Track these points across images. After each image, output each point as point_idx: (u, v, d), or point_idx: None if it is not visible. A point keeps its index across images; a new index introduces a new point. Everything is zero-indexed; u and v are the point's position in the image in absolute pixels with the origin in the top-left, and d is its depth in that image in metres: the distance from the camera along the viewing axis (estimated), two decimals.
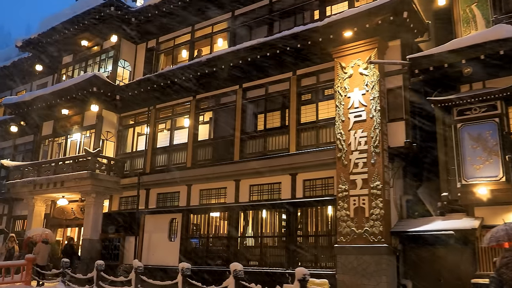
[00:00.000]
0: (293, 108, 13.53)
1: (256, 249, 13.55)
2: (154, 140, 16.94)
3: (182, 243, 14.93)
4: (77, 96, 17.13)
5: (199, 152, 15.53)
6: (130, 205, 17.08)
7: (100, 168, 16.51)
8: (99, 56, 19.29)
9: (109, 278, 12.35)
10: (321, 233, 12.38)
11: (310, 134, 13.12)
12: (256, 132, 14.36)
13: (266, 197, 13.66)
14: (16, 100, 19.40)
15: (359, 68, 11.98)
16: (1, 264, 14.00)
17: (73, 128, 18.71)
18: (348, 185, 11.43)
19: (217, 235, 14.63)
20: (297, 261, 12.38)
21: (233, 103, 15.01)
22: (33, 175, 18.24)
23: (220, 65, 14.37)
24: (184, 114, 16.43)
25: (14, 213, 21.64)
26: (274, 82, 14.20)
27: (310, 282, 10.39)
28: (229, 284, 9.87)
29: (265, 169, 13.48)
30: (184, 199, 15.40)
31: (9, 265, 14.02)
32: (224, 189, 14.56)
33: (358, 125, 11.66)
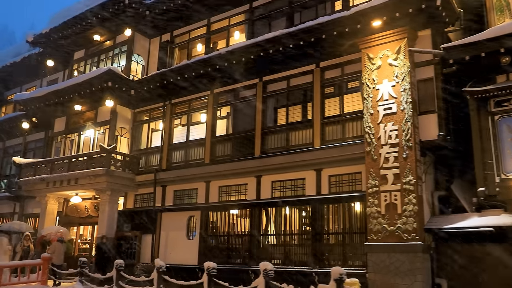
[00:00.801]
0: (316, 102, 13.09)
1: (279, 248, 13.11)
2: (170, 136, 16.50)
3: (201, 241, 14.50)
4: (91, 91, 16.72)
5: (218, 147, 15.10)
6: (146, 202, 16.68)
7: (115, 164, 16.11)
8: (112, 51, 18.87)
9: (130, 278, 11.93)
10: (349, 230, 11.93)
11: (335, 128, 12.68)
12: (278, 127, 13.90)
13: (289, 193, 13.21)
14: (28, 96, 19.02)
15: (388, 59, 11.52)
16: (17, 264, 13.62)
17: (87, 124, 18.31)
18: (379, 181, 10.97)
19: (238, 233, 14.18)
20: (324, 259, 11.99)
21: (253, 97, 14.57)
22: (46, 172, 17.85)
23: (240, 58, 13.93)
24: (201, 109, 16.00)
25: (26, 211, 21.27)
26: (296, 75, 13.76)
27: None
28: (259, 284, 9.43)
29: (288, 165, 13.07)
30: (203, 196, 14.97)
31: (25, 265, 13.62)
32: (245, 185, 14.13)
33: (388, 118, 11.20)
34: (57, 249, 15.48)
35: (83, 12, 18.02)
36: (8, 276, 12.96)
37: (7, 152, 23.70)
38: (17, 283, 13.08)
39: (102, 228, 16.10)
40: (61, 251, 15.39)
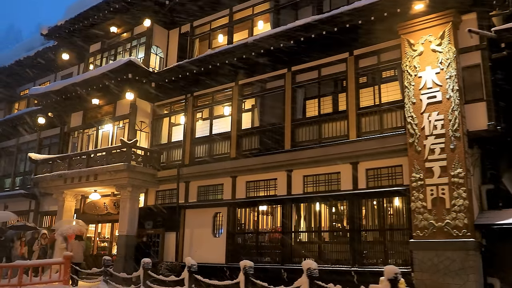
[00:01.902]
0: (351, 92, 12.42)
1: (312, 245, 12.47)
2: (193, 130, 15.89)
3: (228, 239, 13.87)
4: (110, 83, 16.11)
5: (244, 141, 14.48)
6: (168, 199, 16.08)
7: (136, 160, 15.51)
8: (130, 43, 18.26)
9: (158, 277, 11.34)
10: (390, 226, 11.25)
11: (373, 119, 12.00)
12: (308, 118, 13.24)
13: (322, 188, 12.56)
14: (44, 90, 18.44)
15: (430, 44, 10.84)
16: (39, 263, 13.07)
17: (105, 118, 17.72)
18: (424, 174, 10.31)
19: (267, 230, 13.56)
20: (363, 257, 11.35)
21: (281, 88, 13.92)
22: (64, 168, 17.29)
23: (268, 47, 13.27)
24: (225, 102, 15.37)
25: (42, 208, 20.74)
26: (328, 64, 13.09)
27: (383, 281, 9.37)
28: (302, 284, 8.80)
29: (321, 158, 12.41)
30: (229, 192, 14.35)
31: (47, 264, 13.08)
32: (274, 180, 13.48)
33: (433, 107, 10.52)
34: (75, 247, 14.95)
35: (100, 3, 17.45)
36: (30, 275, 12.43)
37: (21, 148, 23.17)
38: (38, 282, 12.54)
39: (123, 226, 15.54)
40: (79, 249, 14.83)
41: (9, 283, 12.16)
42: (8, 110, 24.86)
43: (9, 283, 12.16)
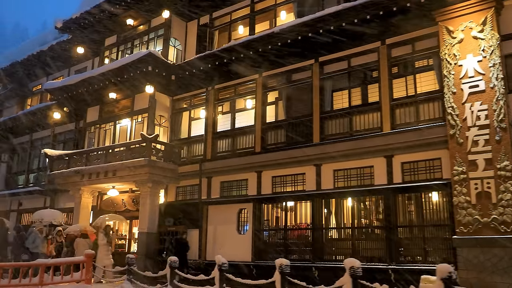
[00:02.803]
0: (384, 82, 11.91)
1: (345, 242, 11.99)
2: (215, 124, 15.41)
3: (254, 236, 13.40)
4: (129, 76, 15.67)
5: (269, 135, 14.00)
6: (189, 195, 15.63)
7: (157, 155, 15.06)
8: (147, 35, 17.80)
9: (186, 276, 10.88)
10: (429, 222, 10.73)
11: (408, 110, 11.49)
12: (338, 111, 12.73)
13: (354, 183, 12.06)
14: (59, 84, 18.01)
15: (471, 31, 10.31)
16: (61, 261, 12.62)
17: (122, 113, 17.27)
18: (467, 167, 9.79)
19: (296, 226, 13.07)
20: (400, 255, 10.84)
21: (308, 80, 13.43)
22: (81, 164, 16.86)
23: (295, 37, 12.80)
24: (248, 94, 14.90)
25: (57, 205, 20.31)
26: (358, 54, 12.60)
27: (425, 280, 8.87)
28: (345, 284, 8.31)
29: (352, 152, 11.92)
30: (254, 187, 13.87)
31: (69, 262, 12.61)
32: (302, 175, 13.00)
33: (475, 97, 9.99)
34: (79, 245, 14.56)
35: None
36: (51, 274, 12.01)
37: (34, 145, 22.79)
38: (59, 282, 12.10)
39: (144, 223, 15.10)
40: (84, 247, 14.41)
41: (30, 282, 11.74)
42: (21, 106, 24.48)
43: (30, 282, 11.74)
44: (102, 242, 13.71)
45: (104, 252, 13.51)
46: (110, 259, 13.62)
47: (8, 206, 22.68)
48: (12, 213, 22.31)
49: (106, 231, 13.99)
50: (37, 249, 13.71)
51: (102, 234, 13.79)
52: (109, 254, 13.66)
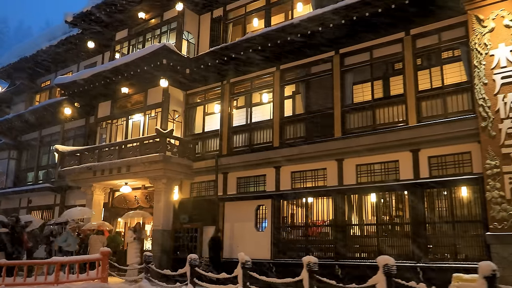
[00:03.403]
0: (409, 74, 11.53)
1: (369, 239, 11.62)
2: (230, 118, 15.05)
3: (274, 233, 13.05)
4: (142, 70, 15.31)
5: (288, 129, 13.63)
6: (204, 191, 15.28)
7: (172, 150, 14.71)
8: (159, 29, 17.43)
9: (207, 275, 10.56)
10: (459, 218, 10.34)
11: (435, 102, 11.11)
12: (361, 104, 12.35)
13: (378, 178, 11.69)
14: (70, 79, 17.69)
15: (503, 20, 9.90)
16: (76, 259, 12.32)
17: (135, 108, 16.93)
18: (500, 160, 9.40)
19: (317, 223, 12.70)
20: (429, 252, 10.46)
21: (328, 72, 13.06)
22: (93, 160, 16.53)
23: (316, 28, 12.40)
24: (265, 88, 14.53)
25: (67, 202, 20.02)
26: (381, 45, 12.21)
27: (457, 278, 8.53)
28: (379, 282, 7.95)
29: (376, 146, 11.56)
30: (272, 183, 13.51)
31: (84, 260, 12.32)
32: (323, 170, 12.63)
33: (509, 88, 9.60)
34: (93, 242, 14.42)
35: None
36: (66, 272, 11.69)
37: (44, 141, 22.47)
38: (75, 280, 11.79)
39: (158, 220, 14.78)
40: (97, 244, 14.17)
41: (46, 280, 11.45)
42: (29, 102, 24.14)
43: (46, 281, 11.45)
44: (130, 239, 13.32)
45: (133, 250, 13.11)
46: (138, 257, 13.22)
47: (17, 204, 22.39)
48: (21, 210, 21.99)
49: (135, 228, 13.60)
50: (69, 247, 13.36)
51: (130, 231, 13.42)
52: (138, 252, 13.27)
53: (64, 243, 13.46)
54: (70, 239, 13.60)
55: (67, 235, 13.67)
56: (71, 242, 13.49)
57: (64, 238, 13.52)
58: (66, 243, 13.44)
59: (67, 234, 13.71)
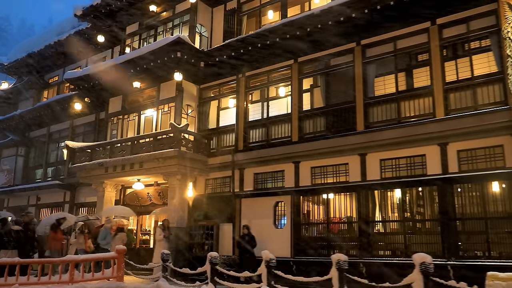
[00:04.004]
0: (436, 65, 11.11)
1: (395, 236, 11.22)
2: (246, 113, 14.66)
3: (294, 230, 12.66)
4: (155, 64, 14.91)
5: (306, 123, 13.24)
6: (220, 187, 14.90)
7: (187, 145, 14.33)
8: (171, 22, 17.03)
9: (229, 274, 10.16)
10: (492, 214, 9.92)
11: (464, 94, 10.69)
12: (385, 96, 11.93)
13: (404, 173, 11.28)
14: (81, 73, 17.31)
15: None
16: (91, 257, 11.91)
17: (147, 102, 16.55)
18: None
19: (339, 220, 12.30)
20: (459, 250, 10.06)
21: (349, 64, 12.65)
22: (104, 156, 16.16)
23: (337, 18, 12.00)
24: (282, 81, 14.13)
25: (77, 200, 19.68)
26: (405, 36, 11.79)
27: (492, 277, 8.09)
28: (415, 281, 7.56)
29: (401, 140, 11.16)
30: (291, 178, 13.12)
31: (100, 258, 11.94)
32: (345, 165, 12.24)
33: None
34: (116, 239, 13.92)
35: None
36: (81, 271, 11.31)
37: (52, 138, 22.11)
38: (90, 279, 11.39)
39: (172, 217, 14.36)
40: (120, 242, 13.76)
41: (60, 279, 11.06)
42: (37, 98, 23.77)
43: (60, 280, 11.06)
44: (159, 237, 12.82)
45: (161, 248, 12.64)
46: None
47: (26, 201, 22.06)
48: (30, 207, 21.66)
49: (164, 225, 13.10)
50: (108, 245, 12.89)
51: (159, 229, 12.97)
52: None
53: (103, 240, 13.02)
54: (109, 237, 13.13)
55: (106, 232, 13.18)
56: (109, 241, 13.04)
57: (103, 236, 13.07)
58: (105, 241, 13.00)
59: (106, 231, 13.20)
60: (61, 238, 13.48)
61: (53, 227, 13.33)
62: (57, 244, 12.99)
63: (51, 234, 13.30)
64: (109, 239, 13.03)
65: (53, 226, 13.38)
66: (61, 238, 13.45)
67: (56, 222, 13.44)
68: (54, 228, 13.30)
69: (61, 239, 13.43)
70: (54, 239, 13.15)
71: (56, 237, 13.24)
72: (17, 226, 11.73)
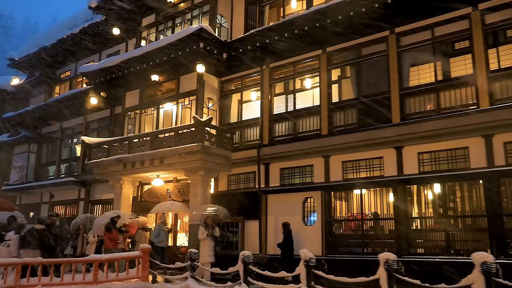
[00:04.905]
0: (478, 53, 10.51)
1: (436, 234, 10.61)
2: (271, 106, 14.10)
3: (325, 227, 12.11)
4: (176, 55, 14.36)
5: (336, 116, 12.68)
6: (243, 183, 14.35)
7: (210, 140, 13.79)
8: (190, 13, 16.45)
9: (264, 273, 9.61)
10: None
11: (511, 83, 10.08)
12: (422, 87, 11.34)
13: (444, 167, 10.69)
14: (97, 67, 16.76)
15: None
16: (115, 257, 11.41)
17: (166, 96, 16.00)
18: None
19: (374, 216, 11.72)
20: (508, 247, 9.47)
21: (382, 53, 12.06)
22: (122, 152, 15.64)
23: (370, 5, 11.42)
24: (309, 72, 13.56)
25: (92, 197, 19.19)
26: (443, 22, 11.19)
27: None
28: (476, 282, 6.99)
29: (441, 132, 10.56)
30: (321, 173, 12.56)
31: (124, 258, 11.43)
32: (379, 159, 11.67)
33: None
34: (142, 238, 13.50)
35: None
36: (105, 271, 10.81)
37: (65, 134, 21.62)
38: (115, 279, 10.89)
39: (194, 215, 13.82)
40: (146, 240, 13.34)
41: (84, 280, 10.57)
42: (49, 94, 23.29)
43: (84, 280, 10.56)
44: (202, 236, 12.17)
45: (206, 248, 12.07)
46: (212, 255, 12.21)
47: (39, 199, 21.60)
48: (43, 205, 21.23)
49: (206, 223, 12.45)
50: (162, 243, 12.30)
51: (202, 227, 12.37)
52: (211, 250, 12.24)
53: (157, 238, 12.49)
54: (162, 234, 12.56)
55: (159, 229, 12.63)
56: (163, 238, 12.50)
57: (157, 233, 12.57)
58: (158, 239, 12.47)
59: (159, 228, 12.66)
60: (117, 237, 13.04)
61: (108, 227, 12.92)
62: (113, 244, 12.36)
63: (106, 234, 12.91)
64: (163, 236, 12.54)
65: (107, 227, 12.95)
66: (116, 237, 13.01)
67: (111, 221, 12.92)
68: (108, 229, 12.88)
69: (116, 239, 12.98)
70: (109, 239, 12.75)
71: (112, 237, 12.83)
72: (40, 225, 11.21)
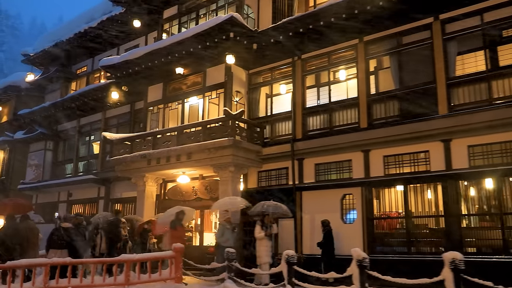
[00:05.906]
0: None
1: (491, 232, 9.97)
2: (304, 98, 13.49)
3: (366, 225, 11.49)
4: (203, 47, 13.78)
5: (376, 108, 12.06)
6: (275, 180, 13.74)
7: (241, 134, 13.20)
8: (215, 3, 15.83)
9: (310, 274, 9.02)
10: None
11: None
12: (471, 76, 10.69)
13: (498, 161, 10.03)
14: (118, 60, 16.17)
15: None
16: (147, 257, 10.84)
17: (192, 89, 15.41)
18: None
19: (419, 214, 11.06)
20: None
21: (426, 41, 11.42)
22: (146, 148, 15.09)
23: None
24: (345, 63, 12.93)
25: (112, 195, 18.64)
26: (494, 7, 10.53)
27: None
28: None
29: (494, 123, 9.92)
30: (360, 169, 11.94)
31: (157, 258, 10.87)
32: (425, 153, 11.03)
33: None
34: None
35: None
36: (137, 272, 10.25)
37: (83, 130, 21.11)
38: (147, 281, 10.34)
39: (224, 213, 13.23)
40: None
41: (115, 281, 10.02)
42: (65, 90, 22.76)
43: (115, 282, 10.02)
44: (259, 235, 11.46)
45: (264, 247, 11.40)
46: (270, 256, 11.56)
47: (56, 197, 21.09)
48: (61, 204, 20.73)
49: (264, 221, 11.74)
50: (228, 243, 11.57)
51: (258, 226, 11.71)
52: (269, 250, 11.59)
53: (221, 238, 11.84)
54: (226, 233, 11.82)
55: (223, 229, 11.89)
56: (229, 237, 11.82)
57: (221, 233, 11.92)
58: (223, 238, 11.81)
59: (223, 228, 11.90)
60: (182, 234, 12.45)
61: (172, 224, 12.30)
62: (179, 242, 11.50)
63: (170, 232, 12.29)
64: (228, 235, 11.85)
65: (172, 224, 12.33)
66: (182, 235, 12.41)
67: (175, 218, 12.32)
68: (173, 225, 12.27)
69: (182, 236, 12.35)
70: (174, 236, 12.01)
71: (177, 234, 12.13)
72: (67, 223, 10.65)
